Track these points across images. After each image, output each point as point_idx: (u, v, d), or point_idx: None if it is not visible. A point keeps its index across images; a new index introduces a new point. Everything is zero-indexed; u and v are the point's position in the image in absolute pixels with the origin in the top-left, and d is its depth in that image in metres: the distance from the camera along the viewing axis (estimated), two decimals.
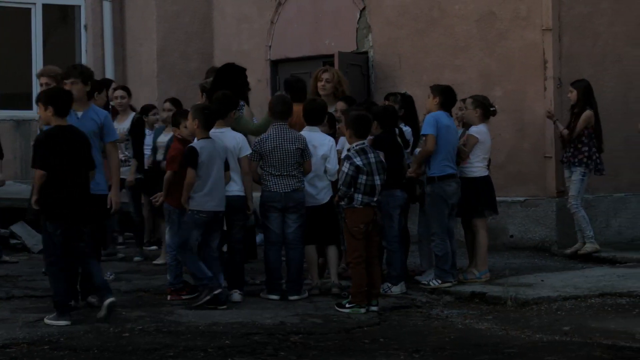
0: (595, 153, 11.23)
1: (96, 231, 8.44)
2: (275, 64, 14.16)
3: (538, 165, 12.03)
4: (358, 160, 8.43)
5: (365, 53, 13.30)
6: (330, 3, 13.61)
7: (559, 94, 11.86)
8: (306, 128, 9.31)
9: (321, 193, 9.24)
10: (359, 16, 13.36)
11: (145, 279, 10.01)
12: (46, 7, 15.07)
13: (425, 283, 9.48)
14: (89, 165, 7.94)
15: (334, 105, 10.15)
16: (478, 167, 9.76)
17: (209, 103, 9.25)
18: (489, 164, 9.95)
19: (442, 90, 9.61)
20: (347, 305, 8.40)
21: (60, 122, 7.86)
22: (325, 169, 9.19)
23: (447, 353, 6.96)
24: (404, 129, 9.83)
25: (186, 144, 8.83)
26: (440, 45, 12.66)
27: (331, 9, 13.60)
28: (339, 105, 10.08)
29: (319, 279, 9.36)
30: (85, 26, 15.30)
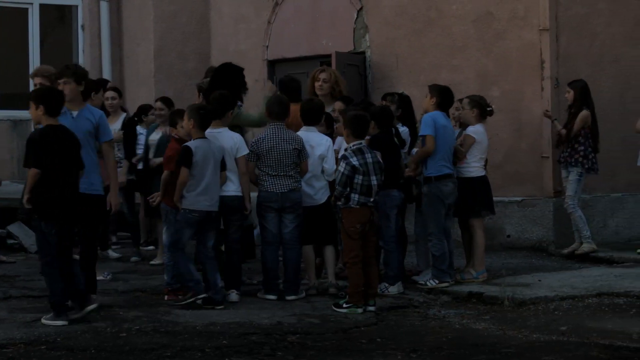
0: (591, 153, 11.23)
1: (88, 231, 8.42)
2: (272, 64, 14.13)
3: (535, 165, 12.02)
4: (354, 160, 8.42)
5: (363, 53, 13.28)
6: (328, 3, 13.60)
7: (556, 94, 11.86)
8: (303, 128, 9.30)
9: (319, 193, 9.24)
10: (356, 16, 13.34)
11: (143, 279, 10.01)
12: (43, 7, 15.05)
13: (422, 283, 9.49)
14: (79, 166, 7.95)
15: (331, 105, 10.13)
16: (475, 167, 9.76)
17: (206, 103, 9.25)
18: (485, 164, 9.95)
19: (440, 91, 9.61)
20: (345, 305, 8.40)
21: (52, 122, 7.85)
22: (323, 169, 9.20)
23: (445, 353, 6.96)
24: (400, 129, 9.83)
25: (183, 143, 8.83)
26: (438, 46, 12.65)
27: (328, 9, 13.58)
28: (337, 105, 10.05)
29: (317, 279, 9.36)
30: (83, 26, 15.28)
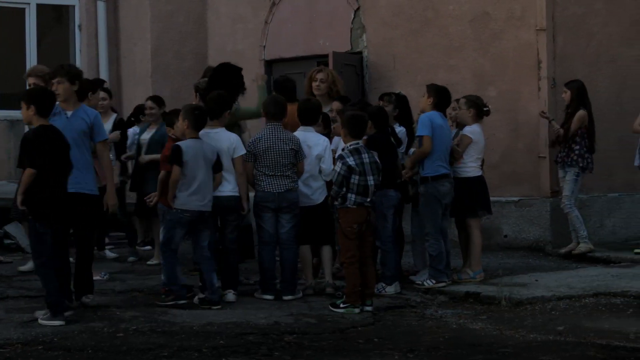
0: (587, 152, 11.23)
1: (84, 232, 8.41)
2: (269, 64, 14.13)
3: (532, 165, 12.02)
4: (351, 160, 8.42)
5: (360, 53, 13.28)
6: (325, 3, 13.59)
7: (553, 94, 11.86)
8: (301, 128, 9.30)
9: (316, 193, 9.23)
10: (353, 16, 13.34)
11: (139, 279, 10.01)
12: (40, 7, 15.02)
13: (419, 283, 9.49)
14: (69, 166, 7.95)
15: (328, 105, 10.12)
16: (472, 167, 9.76)
17: (202, 103, 9.24)
18: (482, 164, 9.95)
19: (438, 91, 9.60)
20: (342, 305, 8.40)
21: (43, 122, 7.86)
22: (320, 169, 9.19)
23: (442, 353, 6.96)
24: (397, 129, 9.83)
25: None
26: (435, 46, 12.65)
27: (325, 9, 13.58)
28: (335, 105, 10.03)
29: (313, 279, 9.36)
30: (80, 26, 15.26)
